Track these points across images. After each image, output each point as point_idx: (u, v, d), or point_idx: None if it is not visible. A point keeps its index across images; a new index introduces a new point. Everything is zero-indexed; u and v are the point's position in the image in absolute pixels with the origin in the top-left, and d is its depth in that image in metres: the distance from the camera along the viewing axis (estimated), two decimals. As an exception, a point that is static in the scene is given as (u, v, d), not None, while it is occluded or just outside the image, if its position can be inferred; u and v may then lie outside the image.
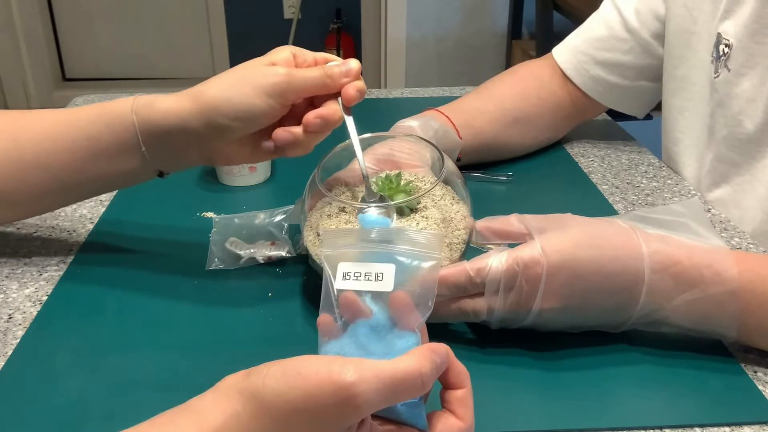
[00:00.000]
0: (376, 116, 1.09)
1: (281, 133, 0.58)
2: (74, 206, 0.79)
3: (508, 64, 2.77)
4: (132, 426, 0.40)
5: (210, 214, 0.78)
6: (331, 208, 0.60)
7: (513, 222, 0.57)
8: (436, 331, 0.58)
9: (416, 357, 0.40)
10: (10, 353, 0.57)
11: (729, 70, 0.76)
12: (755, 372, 0.55)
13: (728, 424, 0.50)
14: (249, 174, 0.84)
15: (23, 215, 0.70)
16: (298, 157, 0.61)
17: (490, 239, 0.58)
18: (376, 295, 0.44)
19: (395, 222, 0.56)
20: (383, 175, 0.61)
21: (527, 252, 0.53)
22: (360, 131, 0.59)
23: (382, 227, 0.52)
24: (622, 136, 1.01)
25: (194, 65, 3.37)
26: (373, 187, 0.58)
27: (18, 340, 0.58)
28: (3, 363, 0.56)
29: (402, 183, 0.60)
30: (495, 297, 0.54)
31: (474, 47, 2.81)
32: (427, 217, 0.58)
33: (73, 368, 0.56)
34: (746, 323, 0.54)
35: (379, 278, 0.44)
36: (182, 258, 0.70)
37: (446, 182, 0.62)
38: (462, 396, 0.43)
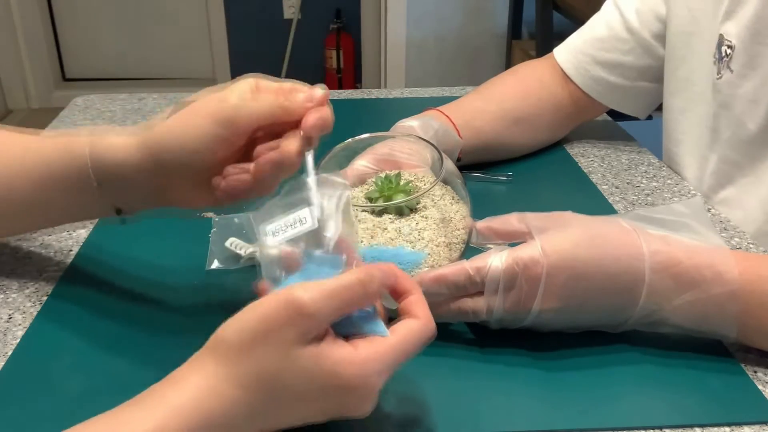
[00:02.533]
0: (376, 116, 1.09)
1: (234, 178, 0.51)
2: (74, 206, 0.79)
3: (508, 64, 2.77)
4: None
5: (210, 214, 0.78)
6: None
7: (513, 221, 0.57)
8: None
9: (355, 270, 0.43)
10: (10, 353, 0.57)
11: (732, 71, 0.76)
12: (755, 372, 0.55)
13: (728, 424, 0.50)
14: (249, 174, 0.84)
15: None
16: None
17: (491, 239, 0.58)
18: (308, 244, 0.46)
19: (395, 223, 0.56)
20: (383, 175, 0.61)
21: (527, 252, 0.53)
22: (360, 131, 0.59)
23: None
24: (623, 136, 1.01)
25: (194, 65, 3.37)
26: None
27: (18, 340, 0.58)
28: (3, 363, 0.56)
29: (401, 183, 0.60)
30: (494, 297, 0.54)
31: (474, 47, 2.82)
32: (426, 217, 0.58)
33: (72, 368, 0.56)
34: (746, 324, 0.54)
35: (303, 222, 0.46)
36: (182, 258, 0.70)
37: (446, 182, 0.62)
38: (414, 299, 0.46)
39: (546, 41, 2.26)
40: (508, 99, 0.91)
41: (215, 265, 0.68)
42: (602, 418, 0.51)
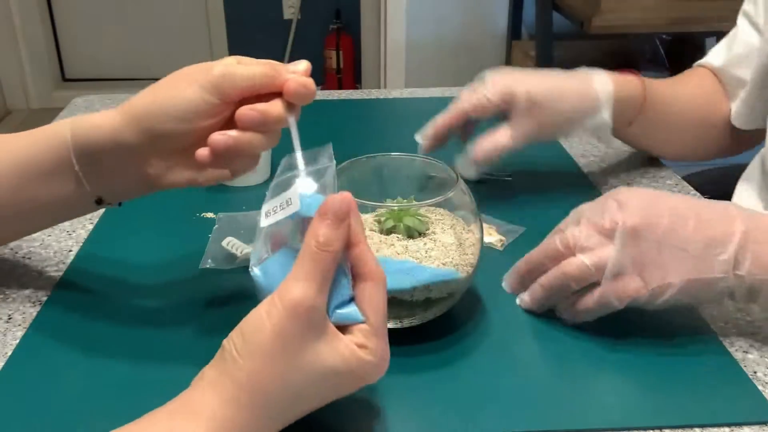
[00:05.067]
0: (375, 116, 1.09)
1: (216, 137, 0.51)
2: (74, 206, 0.79)
3: (508, 64, 2.77)
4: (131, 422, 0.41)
5: (210, 214, 0.78)
6: None
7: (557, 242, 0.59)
8: (436, 332, 0.58)
9: (307, 233, 0.43)
10: (9, 354, 0.57)
11: None
12: (755, 372, 0.55)
13: (728, 424, 0.50)
14: (249, 174, 0.84)
15: None
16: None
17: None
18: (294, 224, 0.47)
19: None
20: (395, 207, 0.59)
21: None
22: (360, 131, 0.59)
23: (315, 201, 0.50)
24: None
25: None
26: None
27: (17, 341, 0.58)
28: (2, 363, 0.56)
29: (412, 210, 0.59)
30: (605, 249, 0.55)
31: (474, 48, 2.82)
32: (435, 240, 0.57)
33: (72, 368, 0.56)
34: None
35: (290, 203, 0.46)
36: (182, 259, 0.70)
37: (458, 212, 0.61)
38: (359, 252, 0.45)
39: (546, 42, 2.26)
40: (696, 101, 0.87)
41: (209, 264, 0.68)
42: (602, 418, 0.51)
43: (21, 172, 0.56)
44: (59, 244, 0.72)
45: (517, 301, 0.62)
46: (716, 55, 0.89)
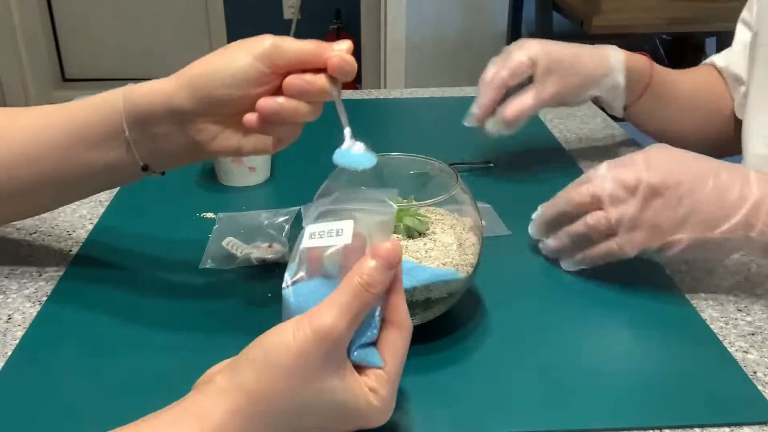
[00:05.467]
0: (375, 117, 1.09)
1: (264, 101, 0.54)
2: (74, 207, 0.79)
3: (508, 64, 2.76)
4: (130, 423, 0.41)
5: (210, 215, 0.78)
6: None
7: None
8: (436, 332, 0.58)
9: (353, 269, 0.43)
10: (9, 354, 0.57)
11: None
12: (755, 372, 0.55)
13: (728, 425, 0.50)
14: (249, 174, 0.84)
15: (15, 213, 0.68)
16: (298, 158, 0.61)
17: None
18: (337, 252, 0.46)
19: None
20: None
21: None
22: (360, 132, 0.59)
23: (360, 166, 0.53)
24: (621, 136, 1.01)
25: (194, 65, 3.37)
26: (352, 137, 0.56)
27: (17, 341, 0.58)
28: (2, 363, 0.56)
29: (412, 210, 0.58)
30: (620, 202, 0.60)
31: (474, 48, 2.81)
32: (435, 240, 0.57)
33: (72, 369, 0.56)
34: None
35: (339, 233, 0.46)
36: (182, 259, 0.70)
37: (458, 212, 0.61)
38: (393, 301, 0.45)
39: (546, 41, 2.26)
40: (698, 90, 0.92)
41: (208, 264, 0.68)
42: (602, 418, 0.51)
43: (73, 140, 0.59)
44: (59, 244, 0.72)
45: (540, 245, 0.69)
46: (718, 57, 0.94)
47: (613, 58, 0.84)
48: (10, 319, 0.61)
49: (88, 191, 0.66)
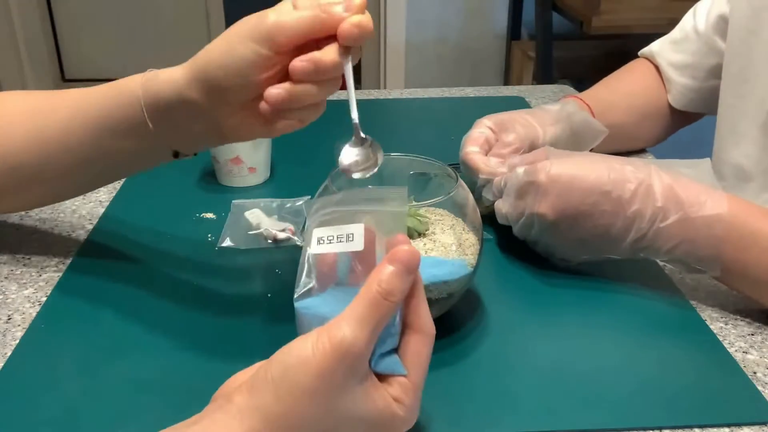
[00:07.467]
0: (375, 117, 1.09)
1: (270, 90, 0.50)
2: (74, 207, 0.79)
3: (508, 65, 2.77)
4: None
5: (210, 215, 0.78)
6: None
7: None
8: (437, 332, 0.58)
9: (371, 276, 0.41)
10: (9, 354, 0.57)
11: None
12: (755, 372, 0.55)
13: (728, 425, 0.50)
14: (248, 174, 0.84)
15: (54, 195, 0.69)
16: (297, 158, 0.61)
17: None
18: (348, 257, 0.45)
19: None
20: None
21: (539, 165, 0.63)
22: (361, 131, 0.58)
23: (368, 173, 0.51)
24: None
25: (194, 66, 3.37)
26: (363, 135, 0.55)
27: (17, 341, 0.58)
28: (2, 364, 0.56)
29: (412, 210, 0.59)
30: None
31: (473, 49, 2.81)
32: (434, 241, 0.57)
33: (71, 369, 0.56)
34: (730, 258, 0.59)
35: (350, 239, 0.44)
36: (181, 259, 0.70)
37: (458, 212, 0.61)
38: (414, 305, 0.44)
39: (545, 42, 2.26)
40: (636, 94, 0.94)
41: (227, 243, 0.71)
42: (602, 418, 0.51)
43: (97, 128, 0.59)
44: (59, 244, 0.72)
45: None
46: (655, 43, 0.98)
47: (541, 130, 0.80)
48: (10, 319, 0.61)
49: (123, 175, 0.70)
